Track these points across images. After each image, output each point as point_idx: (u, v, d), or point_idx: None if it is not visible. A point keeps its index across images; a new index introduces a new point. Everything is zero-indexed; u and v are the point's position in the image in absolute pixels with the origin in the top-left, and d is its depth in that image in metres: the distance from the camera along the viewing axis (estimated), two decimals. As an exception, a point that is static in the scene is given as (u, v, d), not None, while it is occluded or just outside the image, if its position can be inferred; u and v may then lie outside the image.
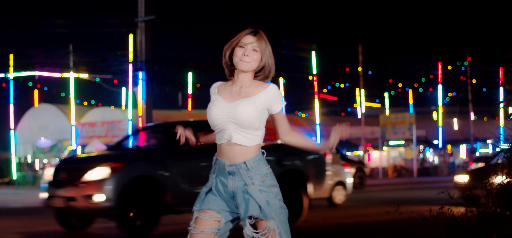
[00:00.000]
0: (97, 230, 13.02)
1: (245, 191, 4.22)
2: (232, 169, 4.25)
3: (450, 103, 61.51)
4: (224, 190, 4.29)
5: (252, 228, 4.19)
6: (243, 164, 4.25)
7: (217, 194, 4.31)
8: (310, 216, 14.04)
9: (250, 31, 4.33)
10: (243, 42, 4.29)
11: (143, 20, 30.13)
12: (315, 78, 46.72)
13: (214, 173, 4.35)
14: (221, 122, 4.25)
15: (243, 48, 4.27)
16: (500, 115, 52.30)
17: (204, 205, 4.29)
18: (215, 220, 4.27)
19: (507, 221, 6.20)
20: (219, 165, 4.31)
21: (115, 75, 35.96)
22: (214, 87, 4.39)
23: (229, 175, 4.26)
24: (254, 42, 4.29)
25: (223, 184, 4.29)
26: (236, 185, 4.25)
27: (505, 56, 8.15)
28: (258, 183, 4.23)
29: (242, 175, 4.24)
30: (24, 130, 46.98)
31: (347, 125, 4.36)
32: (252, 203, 4.19)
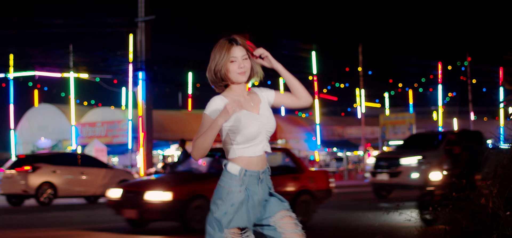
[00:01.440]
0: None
1: (270, 193, 4.40)
2: (263, 176, 4.35)
3: (450, 103, 61.49)
4: (255, 200, 4.31)
5: (284, 221, 4.35)
6: (267, 168, 4.40)
7: (246, 208, 4.29)
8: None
9: (231, 42, 4.32)
10: (233, 56, 4.29)
11: (143, 20, 30.13)
12: (315, 78, 46.74)
13: (242, 185, 4.27)
14: (260, 133, 4.29)
15: (236, 62, 4.30)
16: (500, 115, 52.30)
17: (234, 223, 4.26)
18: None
19: (507, 221, 6.20)
20: (251, 176, 4.29)
21: (115, 75, 35.97)
22: (224, 102, 4.23)
23: (261, 182, 4.33)
24: (243, 52, 4.33)
25: (255, 193, 4.31)
26: (264, 191, 4.36)
27: (505, 56, 8.15)
28: (271, 183, 4.45)
29: (267, 180, 4.39)
30: (24, 130, 46.99)
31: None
32: (278, 201, 4.40)
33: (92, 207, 21.45)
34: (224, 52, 4.29)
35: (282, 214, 4.35)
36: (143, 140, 31.03)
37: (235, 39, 4.35)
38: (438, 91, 54.19)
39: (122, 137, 40.33)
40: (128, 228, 13.30)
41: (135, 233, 12.71)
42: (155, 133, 34.18)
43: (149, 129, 30.44)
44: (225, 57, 4.28)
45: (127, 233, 12.78)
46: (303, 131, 48.68)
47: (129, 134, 37.33)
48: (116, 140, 41.28)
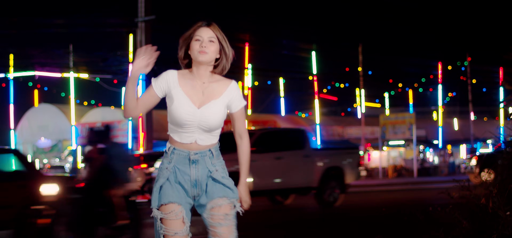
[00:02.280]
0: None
1: (211, 178, 4.27)
2: (196, 157, 4.26)
3: (450, 103, 61.50)
4: (184, 179, 4.26)
5: (213, 212, 4.24)
6: (208, 151, 4.29)
7: (172, 185, 4.26)
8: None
9: (204, 23, 4.30)
10: (198, 35, 4.27)
11: (143, 20, 30.15)
12: (315, 78, 46.74)
13: (171, 163, 4.27)
14: (189, 126, 4.24)
15: (200, 41, 4.26)
16: (500, 115, 52.30)
17: (163, 199, 4.22)
18: (180, 219, 4.22)
19: (507, 221, 6.20)
20: (179, 155, 4.27)
21: (115, 75, 35.97)
22: (175, 78, 4.31)
23: (193, 163, 4.25)
24: (210, 34, 4.28)
25: (183, 173, 4.26)
26: (199, 173, 4.27)
27: (505, 56, 8.15)
28: (221, 170, 4.31)
29: (206, 162, 4.27)
30: (24, 130, 46.96)
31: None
32: (220, 187, 4.26)
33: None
34: (193, 30, 4.30)
35: (216, 203, 4.25)
36: (143, 140, 31.07)
37: (209, 21, 4.31)
38: (438, 91, 54.19)
39: (122, 137, 40.33)
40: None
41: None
42: (155, 133, 34.19)
43: (149, 129, 30.49)
44: (191, 35, 4.29)
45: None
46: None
47: (129, 134, 37.33)
48: (116, 140, 41.19)
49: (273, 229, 13.03)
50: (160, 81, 4.31)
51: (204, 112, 4.22)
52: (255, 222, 13.25)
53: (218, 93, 4.29)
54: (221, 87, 4.31)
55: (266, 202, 19.34)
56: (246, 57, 42.67)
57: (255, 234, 11.67)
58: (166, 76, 4.33)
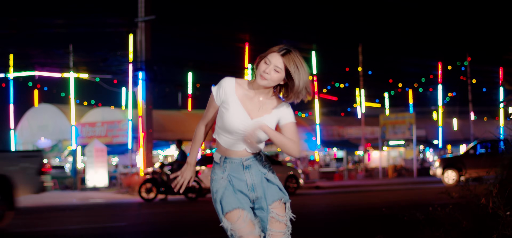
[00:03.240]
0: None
1: (266, 179, 4.44)
2: (249, 163, 4.40)
3: (450, 103, 61.45)
4: (241, 185, 4.39)
5: (277, 212, 4.43)
6: (258, 155, 4.44)
7: (232, 192, 4.40)
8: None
9: (280, 50, 4.35)
10: (269, 59, 4.32)
11: (143, 20, 30.13)
12: (315, 78, 46.71)
13: (225, 172, 4.39)
14: (238, 134, 4.33)
15: (266, 65, 4.32)
16: (500, 116, 52.29)
17: (227, 207, 4.36)
18: (248, 222, 4.35)
19: (507, 221, 6.20)
20: (232, 163, 4.38)
21: (115, 75, 35.96)
22: (232, 87, 4.37)
23: (246, 169, 4.38)
24: (279, 62, 4.30)
25: (239, 179, 4.39)
26: (254, 177, 4.41)
27: (505, 56, 8.15)
28: (271, 171, 4.48)
29: (258, 166, 4.43)
30: (24, 130, 46.97)
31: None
32: (275, 189, 4.45)
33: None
34: (270, 51, 4.35)
35: (275, 206, 4.44)
36: (143, 139, 31.05)
37: (288, 50, 4.34)
38: (438, 91, 54.17)
39: (122, 136, 40.32)
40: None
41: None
42: (155, 132, 34.20)
43: (149, 128, 30.46)
44: (265, 56, 4.34)
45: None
46: (303, 131, 48.67)
47: (129, 134, 37.31)
48: (116, 140, 41.26)
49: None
50: (219, 91, 4.38)
51: (256, 126, 4.31)
52: None
53: (270, 109, 4.40)
54: (273, 103, 4.42)
55: None
56: (246, 57, 42.66)
57: None
58: (224, 84, 4.39)
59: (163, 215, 17.14)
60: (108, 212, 18.60)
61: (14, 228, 13.93)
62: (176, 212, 17.89)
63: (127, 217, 16.82)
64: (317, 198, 24.24)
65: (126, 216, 17.14)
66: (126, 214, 17.95)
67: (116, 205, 21.91)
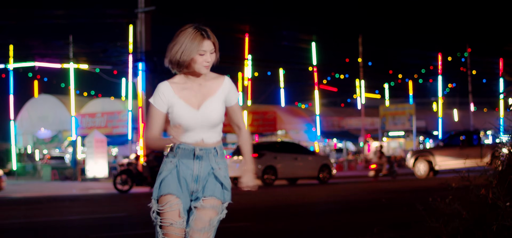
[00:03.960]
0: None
1: (212, 174, 4.39)
2: (201, 153, 4.37)
3: (450, 94, 61.49)
4: (187, 173, 4.36)
5: (207, 204, 4.34)
6: (213, 148, 4.40)
7: (174, 177, 4.36)
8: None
9: (203, 34, 4.36)
10: (203, 49, 4.33)
11: (143, 11, 30.11)
12: (315, 69, 46.71)
13: (175, 157, 4.38)
14: (193, 128, 4.34)
15: (205, 55, 4.34)
16: (500, 106, 52.31)
17: (163, 191, 4.33)
18: (176, 211, 4.30)
19: (507, 212, 6.20)
20: (185, 150, 4.37)
21: (115, 66, 35.95)
22: (169, 89, 4.38)
23: (197, 159, 4.36)
24: (211, 46, 4.37)
25: (187, 167, 4.36)
26: (202, 169, 4.37)
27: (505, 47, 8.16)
28: (224, 169, 4.43)
29: (210, 159, 4.38)
30: (24, 120, 46.99)
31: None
32: (218, 187, 4.39)
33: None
34: (195, 42, 4.33)
35: (207, 202, 4.35)
36: (143, 130, 31.05)
37: (206, 31, 4.38)
38: (438, 82, 54.16)
39: (122, 127, 40.34)
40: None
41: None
42: (155, 123, 34.16)
43: (149, 119, 30.41)
44: (195, 48, 4.32)
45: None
46: (303, 122, 48.70)
47: (129, 125, 37.33)
48: (116, 131, 41.29)
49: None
50: (159, 98, 4.38)
51: (204, 111, 4.34)
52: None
53: (213, 90, 4.39)
54: (216, 85, 4.41)
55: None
56: (246, 48, 42.62)
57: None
58: (161, 90, 4.39)
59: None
60: (108, 202, 18.62)
61: (14, 218, 13.95)
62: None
63: (127, 208, 16.83)
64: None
65: (126, 207, 17.16)
66: (126, 205, 17.97)
67: (116, 196, 21.92)
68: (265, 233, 10.34)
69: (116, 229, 11.63)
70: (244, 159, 4.62)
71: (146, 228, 11.42)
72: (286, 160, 27.23)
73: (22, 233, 11.42)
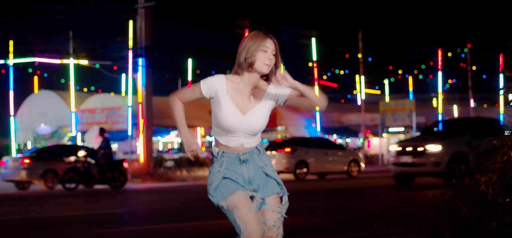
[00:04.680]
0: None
1: (264, 173, 4.51)
2: (246, 157, 4.47)
3: (450, 90, 61.43)
4: (238, 178, 4.46)
5: (273, 204, 4.50)
6: (255, 149, 4.51)
7: (233, 180, 4.46)
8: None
9: (269, 36, 4.47)
10: (266, 46, 4.43)
11: (143, 6, 30.08)
12: (315, 65, 46.68)
13: (222, 166, 4.45)
14: (235, 132, 4.42)
15: (266, 53, 4.43)
16: (500, 102, 52.25)
17: (228, 191, 4.43)
18: (246, 198, 4.43)
19: (507, 208, 6.21)
20: (229, 157, 4.46)
21: (115, 61, 35.90)
22: (223, 86, 4.44)
23: (243, 163, 4.45)
24: (274, 47, 4.46)
25: (236, 173, 4.46)
26: (251, 171, 4.47)
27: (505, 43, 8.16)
28: (269, 164, 4.55)
29: (255, 159, 4.49)
30: (24, 116, 46.97)
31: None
32: (273, 183, 4.52)
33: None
34: (258, 40, 4.43)
35: (272, 203, 4.51)
36: (143, 126, 31.04)
37: (272, 35, 4.50)
38: (438, 78, 54.13)
39: (122, 123, 40.32)
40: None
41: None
42: (155, 119, 34.21)
43: (149, 115, 30.46)
44: (258, 45, 4.41)
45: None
46: (303, 118, 48.71)
47: (129, 121, 37.30)
48: (116, 127, 41.27)
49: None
50: (209, 86, 4.45)
51: (250, 118, 4.43)
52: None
53: (261, 96, 4.51)
54: (263, 92, 4.53)
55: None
56: (246, 43, 42.53)
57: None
58: (215, 82, 4.46)
59: (161, 202, 17.18)
60: (109, 198, 18.62)
61: (14, 215, 13.95)
62: (170, 199, 17.92)
63: (127, 204, 16.84)
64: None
65: (126, 203, 17.17)
66: (126, 201, 17.98)
67: (116, 192, 21.93)
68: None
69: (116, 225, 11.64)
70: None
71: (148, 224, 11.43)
72: (318, 155, 28.04)
73: (23, 228, 11.43)
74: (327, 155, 28.48)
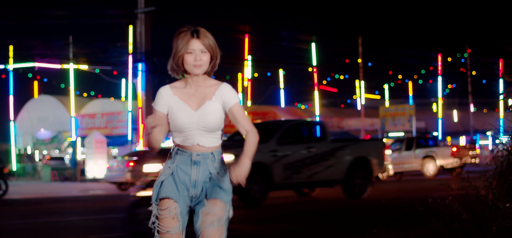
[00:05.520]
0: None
1: (210, 179, 4.37)
2: (198, 159, 4.38)
3: (450, 95, 61.50)
4: (185, 179, 4.38)
5: (210, 205, 4.33)
6: (210, 154, 4.40)
7: (173, 181, 4.38)
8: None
9: (192, 34, 4.36)
10: (190, 48, 4.34)
11: (143, 11, 30.09)
12: (315, 70, 46.71)
13: (173, 162, 4.41)
14: (190, 129, 4.35)
15: (193, 54, 4.33)
16: (499, 107, 52.29)
17: (161, 193, 4.36)
18: (173, 216, 4.33)
19: (506, 212, 6.21)
20: (182, 155, 4.40)
21: (114, 66, 35.93)
22: (169, 92, 4.42)
23: (194, 164, 4.37)
24: (201, 45, 4.35)
25: (184, 173, 4.38)
26: (200, 174, 4.38)
27: (505, 48, 8.16)
28: (222, 173, 4.40)
29: (207, 164, 4.38)
30: (24, 121, 46.98)
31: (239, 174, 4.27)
32: (217, 189, 4.36)
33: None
34: (183, 42, 4.34)
35: (210, 205, 4.35)
36: (142, 131, 31.02)
37: (197, 31, 4.38)
38: (438, 83, 54.17)
39: (122, 128, 40.33)
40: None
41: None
42: (155, 124, 34.13)
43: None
44: (183, 47, 4.33)
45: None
46: (303, 122, 48.65)
47: (129, 125, 37.31)
48: (115, 131, 41.27)
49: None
50: (159, 101, 4.42)
51: (202, 112, 4.34)
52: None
53: (210, 94, 4.39)
54: (213, 89, 4.41)
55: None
56: (246, 48, 42.60)
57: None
58: (161, 93, 4.44)
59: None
60: (108, 203, 18.62)
61: (14, 219, 13.93)
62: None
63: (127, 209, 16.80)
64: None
65: (126, 207, 17.12)
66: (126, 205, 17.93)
67: (116, 197, 21.91)
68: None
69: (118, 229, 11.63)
70: (243, 152, 4.33)
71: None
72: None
73: (22, 234, 11.42)
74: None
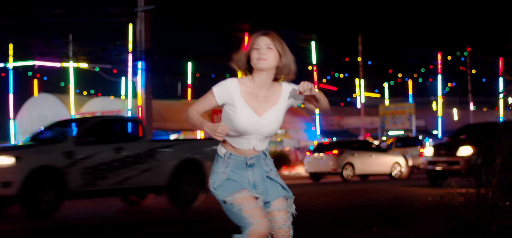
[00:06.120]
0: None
1: (268, 178, 4.50)
2: (253, 161, 4.46)
3: (450, 93, 61.47)
4: (244, 182, 4.43)
5: (279, 204, 4.48)
6: (262, 153, 4.50)
7: (238, 182, 4.43)
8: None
9: (262, 33, 4.45)
10: (257, 44, 4.41)
11: (143, 10, 30.08)
12: (314, 68, 46.70)
13: (227, 167, 4.43)
14: (249, 134, 4.39)
15: (258, 49, 4.39)
16: (499, 106, 52.29)
17: (234, 189, 4.38)
18: (251, 195, 4.39)
19: (506, 211, 6.21)
20: (236, 160, 4.43)
21: (114, 65, 35.90)
22: (236, 88, 4.40)
23: (249, 167, 4.44)
24: (268, 41, 4.42)
25: (241, 176, 4.44)
26: (256, 176, 4.46)
27: (504, 46, 8.17)
28: (274, 169, 4.55)
29: (261, 164, 4.48)
30: (23, 119, 46.95)
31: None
32: (279, 187, 4.50)
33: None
34: (253, 40, 4.45)
35: (277, 203, 4.48)
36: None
37: (268, 31, 4.48)
38: (438, 82, 54.16)
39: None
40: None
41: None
42: (154, 122, 34.17)
43: (149, 118, 30.43)
44: (251, 45, 4.43)
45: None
46: (303, 121, 48.71)
47: (129, 124, 37.18)
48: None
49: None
50: (222, 91, 4.41)
51: (265, 120, 4.39)
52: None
53: (276, 99, 4.45)
54: (278, 93, 4.47)
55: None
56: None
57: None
58: (227, 86, 4.42)
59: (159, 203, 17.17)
60: (107, 200, 18.61)
61: (13, 219, 13.94)
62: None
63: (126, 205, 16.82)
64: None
65: (124, 204, 17.14)
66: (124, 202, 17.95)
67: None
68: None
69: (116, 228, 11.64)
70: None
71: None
72: (363, 157, 28.86)
73: (22, 233, 11.43)
74: (372, 157, 29.12)
